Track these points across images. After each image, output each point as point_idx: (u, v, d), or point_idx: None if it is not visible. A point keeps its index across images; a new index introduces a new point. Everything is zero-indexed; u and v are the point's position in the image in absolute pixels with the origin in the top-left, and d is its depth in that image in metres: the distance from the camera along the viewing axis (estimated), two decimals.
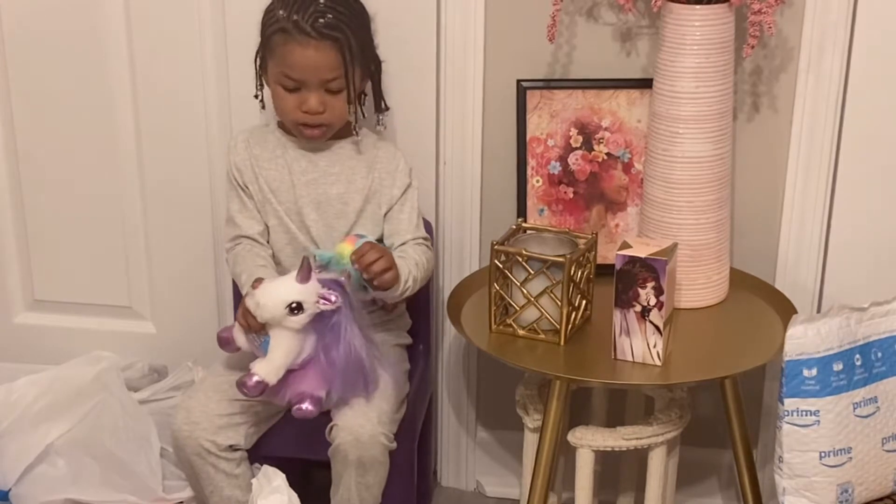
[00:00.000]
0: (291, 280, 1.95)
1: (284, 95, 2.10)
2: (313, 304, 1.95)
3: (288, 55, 2.06)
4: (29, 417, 2.30)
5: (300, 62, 2.06)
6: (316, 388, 1.99)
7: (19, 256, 2.57)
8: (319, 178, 2.16)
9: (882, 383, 1.92)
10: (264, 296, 1.96)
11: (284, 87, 2.09)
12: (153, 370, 2.53)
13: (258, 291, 1.97)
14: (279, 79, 2.09)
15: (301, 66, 2.06)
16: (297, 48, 2.05)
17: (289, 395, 2.00)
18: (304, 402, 1.98)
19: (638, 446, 2.06)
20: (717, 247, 2.16)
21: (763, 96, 2.25)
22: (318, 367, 2.00)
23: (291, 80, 2.07)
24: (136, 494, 2.27)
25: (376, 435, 2.01)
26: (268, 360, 1.98)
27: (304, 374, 2.00)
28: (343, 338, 1.97)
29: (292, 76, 2.07)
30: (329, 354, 1.98)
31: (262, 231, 2.18)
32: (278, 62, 2.08)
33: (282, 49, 2.06)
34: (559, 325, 2.02)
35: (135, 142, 2.45)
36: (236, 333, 2.05)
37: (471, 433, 2.55)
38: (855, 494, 1.92)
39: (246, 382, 1.97)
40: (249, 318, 1.98)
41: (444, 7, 2.27)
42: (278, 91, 2.10)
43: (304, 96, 2.08)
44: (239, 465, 2.09)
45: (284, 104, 2.10)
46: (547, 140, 2.24)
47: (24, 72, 2.44)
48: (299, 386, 1.99)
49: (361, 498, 2.05)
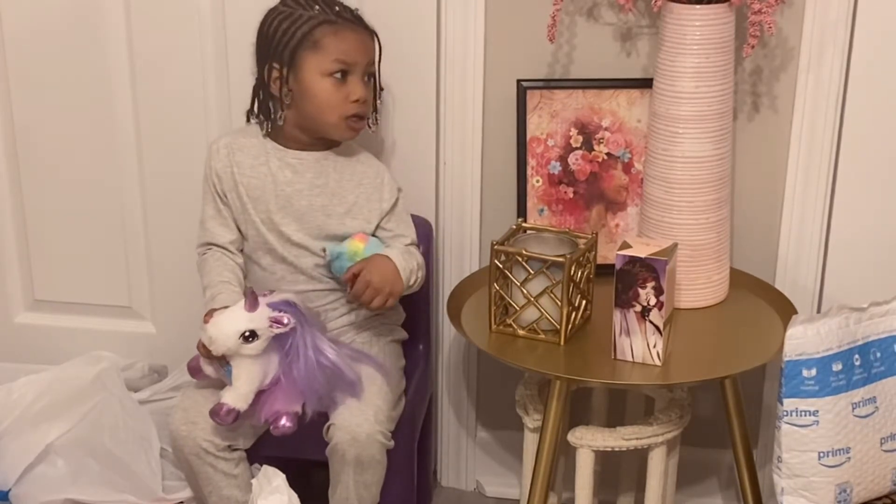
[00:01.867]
0: (240, 310, 1.97)
1: (332, 90, 2.09)
2: (266, 328, 1.96)
3: (342, 41, 2.08)
4: (29, 417, 2.29)
5: (355, 46, 2.10)
6: (290, 405, 2.01)
7: (19, 256, 2.57)
8: (304, 189, 2.15)
9: (881, 383, 1.92)
10: (215, 329, 1.98)
11: (335, 77, 2.09)
12: (153, 370, 2.53)
13: (209, 326, 1.99)
14: (330, 69, 2.08)
15: (357, 50, 2.10)
16: (350, 34, 2.10)
17: (264, 415, 2.01)
18: (279, 420, 2.00)
19: (638, 446, 2.06)
20: (717, 247, 2.16)
21: (763, 96, 2.25)
22: (289, 381, 2.01)
23: (346, 66, 2.08)
24: (136, 494, 2.26)
25: (373, 434, 2.01)
26: (234, 388, 2.00)
27: (274, 393, 2.01)
28: (302, 355, 1.99)
29: (348, 60, 2.08)
30: (291, 374, 2.00)
31: (234, 240, 2.18)
32: (329, 53, 2.08)
33: (332, 38, 2.08)
34: (559, 325, 2.02)
35: (135, 142, 2.45)
36: (202, 363, 2.08)
37: (471, 433, 2.55)
38: (853, 494, 1.92)
39: (218, 412, 1.99)
40: (206, 350, 2.01)
41: (444, 7, 2.27)
42: (325, 87, 2.09)
43: (350, 87, 2.09)
44: (238, 465, 2.09)
45: (332, 99, 2.09)
46: (547, 140, 2.24)
47: (24, 72, 2.44)
48: (273, 405, 2.01)
49: (360, 497, 2.05)
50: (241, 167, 2.17)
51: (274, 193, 2.15)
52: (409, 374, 2.25)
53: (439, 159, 2.36)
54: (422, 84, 2.31)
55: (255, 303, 1.97)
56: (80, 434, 2.28)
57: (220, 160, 2.18)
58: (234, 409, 1.99)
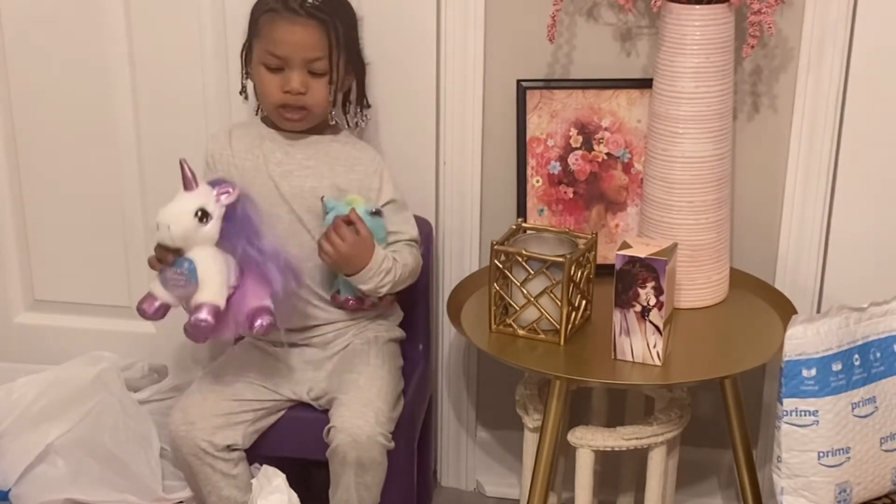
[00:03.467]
0: (183, 194, 1.93)
1: (267, 77, 2.10)
2: (215, 203, 1.92)
3: (274, 32, 2.07)
4: (29, 417, 2.30)
5: (286, 38, 2.07)
6: (260, 299, 1.95)
7: (19, 256, 2.57)
8: (294, 170, 2.15)
9: (881, 383, 1.92)
10: (167, 216, 1.91)
11: (268, 66, 2.09)
12: (153, 370, 2.53)
13: (159, 217, 1.92)
14: (264, 58, 2.09)
15: (286, 42, 2.07)
16: (283, 24, 2.07)
17: (239, 323, 1.95)
18: (256, 319, 1.94)
19: (638, 446, 2.06)
20: (717, 247, 2.16)
21: (763, 96, 2.25)
22: (251, 275, 1.95)
23: (276, 58, 2.08)
24: (136, 494, 2.27)
25: (374, 435, 2.01)
26: (204, 284, 1.92)
27: (241, 295, 1.95)
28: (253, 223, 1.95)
29: (277, 53, 2.07)
30: (254, 247, 1.94)
31: None
32: (264, 41, 2.09)
33: (269, 27, 2.08)
34: (559, 325, 2.02)
35: (135, 142, 2.45)
36: (154, 289, 1.98)
37: (471, 433, 2.55)
38: (853, 494, 1.92)
39: (198, 318, 1.90)
40: (161, 252, 1.96)
41: (444, 7, 2.27)
42: (261, 73, 2.10)
43: (286, 77, 2.09)
44: (237, 465, 2.09)
45: (267, 86, 2.10)
46: (547, 140, 2.24)
47: (24, 72, 2.44)
48: (243, 308, 1.95)
49: (361, 498, 2.05)
50: (236, 151, 2.17)
51: (266, 174, 2.14)
52: (409, 374, 2.25)
53: (439, 159, 2.36)
54: (422, 84, 2.31)
55: (194, 180, 1.93)
56: (80, 434, 2.29)
57: (219, 142, 2.19)
58: (214, 304, 1.91)
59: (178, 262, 1.95)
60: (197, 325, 1.91)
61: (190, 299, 1.95)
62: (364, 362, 2.14)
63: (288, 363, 2.18)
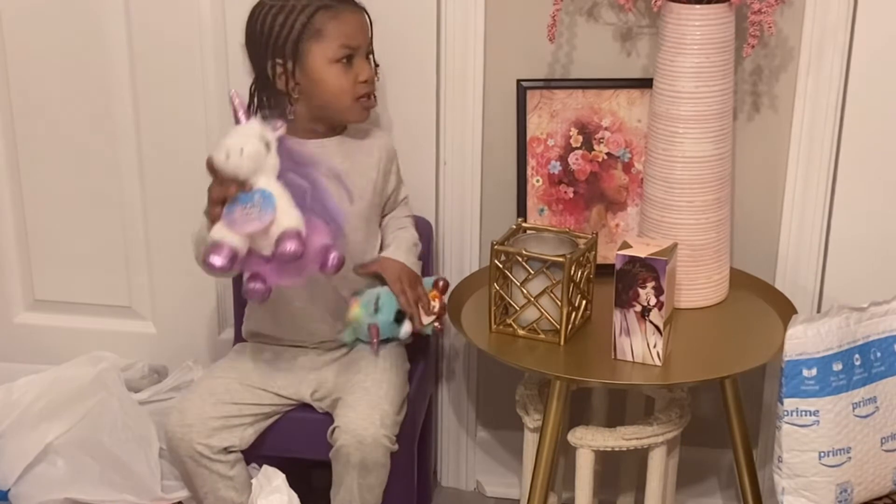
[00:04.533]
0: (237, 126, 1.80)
1: (341, 75, 2.08)
2: (269, 131, 1.80)
3: (344, 24, 2.07)
4: (29, 417, 2.30)
5: (356, 27, 2.09)
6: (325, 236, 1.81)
7: (19, 256, 2.57)
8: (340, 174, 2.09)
9: (881, 383, 1.92)
10: (237, 140, 1.77)
11: (341, 62, 2.07)
12: (153, 370, 2.53)
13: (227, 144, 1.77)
14: (336, 55, 2.07)
15: (358, 31, 2.09)
16: (350, 16, 2.08)
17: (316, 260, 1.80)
18: (329, 254, 1.80)
19: (638, 446, 2.06)
20: (717, 247, 2.16)
21: (763, 96, 2.25)
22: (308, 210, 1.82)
23: (350, 49, 2.07)
24: (136, 494, 2.27)
25: (379, 437, 2.01)
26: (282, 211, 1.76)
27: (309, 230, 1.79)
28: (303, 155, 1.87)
29: (352, 44, 2.07)
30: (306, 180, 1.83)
31: None
32: (333, 39, 2.06)
33: (333, 23, 2.06)
34: (559, 325, 2.02)
35: (135, 142, 2.45)
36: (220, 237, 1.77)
37: (471, 433, 2.55)
38: (854, 494, 1.92)
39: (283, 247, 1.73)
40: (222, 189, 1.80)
41: (444, 7, 2.27)
42: (333, 72, 2.07)
43: (356, 69, 2.09)
44: (234, 467, 2.08)
45: (342, 83, 2.08)
46: (547, 140, 2.24)
47: (25, 72, 2.44)
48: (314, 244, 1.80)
49: (363, 499, 2.05)
50: None
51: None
52: (410, 375, 2.25)
53: (439, 159, 2.36)
54: (422, 84, 2.31)
55: (247, 111, 1.81)
56: (80, 434, 2.29)
57: None
58: (298, 230, 1.75)
59: (244, 197, 1.78)
60: (286, 254, 1.74)
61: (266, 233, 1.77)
62: (371, 364, 2.13)
63: (291, 364, 2.17)
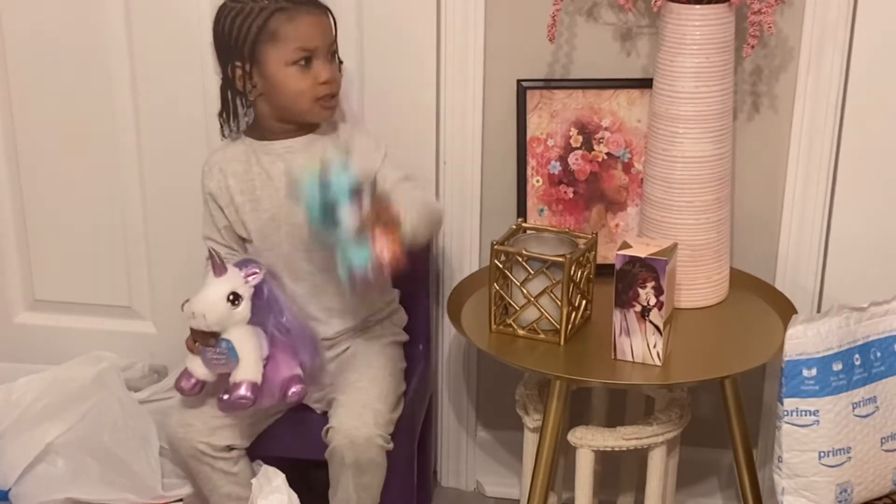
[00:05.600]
0: (212, 279, 2.00)
1: (299, 76, 2.06)
2: (244, 286, 2.00)
3: (300, 26, 2.05)
4: (29, 417, 2.30)
5: (313, 29, 2.07)
6: (291, 368, 2.03)
7: (19, 256, 2.57)
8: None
9: (881, 383, 1.92)
10: (199, 305, 1.99)
11: (299, 63, 2.06)
12: (153, 370, 2.53)
13: (192, 306, 2.00)
14: (292, 57, 2.06)
15: (316, 33, 2.07)
16: (306, 17, 2.06)
17: (276, 393, 2.02)
18: (290, 388, 2.03)
19: (638, 446, 2.06)
20: (717, 247, 2.16)
21: (763, 96, 2.25)
22: (279, 346, 2.03)
23: (307, 52, 2.06)
24: (136, 493, 2.27)
25: (372, 437, 2.01)
26: (243, 361, 2.00)
27: (273, 366, 2.03)
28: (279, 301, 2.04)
29: (309, 45, 2.06)
30: (280, 325, 2.02)
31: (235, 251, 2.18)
32: (289, 40, 2.05)
33: (289, 25, 2.05)
34: (559, 325, 2.02)
35: (135, 142, 2.45)
36: (192, 368, 2.06)
37: (471, 433, 2.55)
38: (854, 494, 1.92)
39: (236, 395, 1.98)
40: (199, 336, 2.02)
41: (444, 7, 2.27)
42: (291, 74, 2.06)
43: (316, 70, 2.07)
44: (237, 463, 2.09)
45: (300, 85, 2.07)
46: (547, 140, 2.24)
47: (25, 72, 2.44)
48: (275, 379, 2.02)
49: (360, 499, 2.05)
50: (236, 177, 2.14)
51: (273, 189, 2.12)
52: (409, 374, 2.25)
53: (439, 159, 2.36)
54: (422, 84, 2.31)
55: (223, 265, 2.00)
56: (80, 433, 2.29)
57: (213, 180, 2.16)
58: (252, 381, 1.99)
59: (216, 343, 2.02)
60: (237, 402, 1.99)
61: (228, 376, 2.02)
62: (366, 364, 2.13)
63: None
